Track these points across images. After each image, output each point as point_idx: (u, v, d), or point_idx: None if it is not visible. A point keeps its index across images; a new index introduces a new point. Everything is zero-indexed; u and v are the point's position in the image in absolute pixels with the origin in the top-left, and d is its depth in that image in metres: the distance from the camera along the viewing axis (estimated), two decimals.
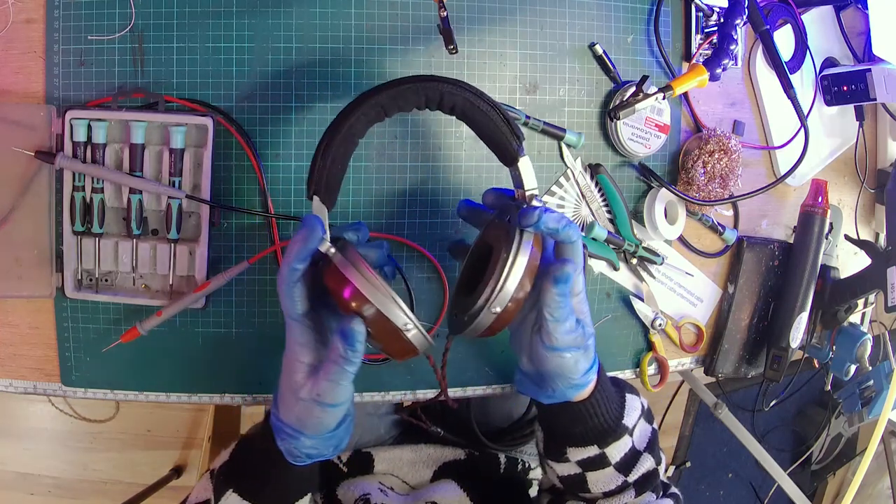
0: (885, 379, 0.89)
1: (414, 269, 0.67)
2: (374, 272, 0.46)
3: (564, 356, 0.52)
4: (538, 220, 0.48)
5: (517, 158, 0.52)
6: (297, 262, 0.47)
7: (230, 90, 0.62)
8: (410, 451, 0.77)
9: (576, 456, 0.57)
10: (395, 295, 0.46)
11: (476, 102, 0.51)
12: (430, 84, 0.50)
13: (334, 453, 0.53)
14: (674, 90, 0.62)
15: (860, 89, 0.79)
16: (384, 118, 0.52)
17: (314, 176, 0.49)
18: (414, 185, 0.66)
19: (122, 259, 0.62)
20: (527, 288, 0.49)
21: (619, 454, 0.56)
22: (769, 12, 0.77)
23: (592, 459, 0.57)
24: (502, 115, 0.52)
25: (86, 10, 0.60)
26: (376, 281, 0.46)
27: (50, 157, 0.58)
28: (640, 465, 0.57)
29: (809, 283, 0.79)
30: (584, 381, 0.54)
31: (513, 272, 0.48)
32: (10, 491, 1.56)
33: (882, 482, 1.48)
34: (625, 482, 0.57)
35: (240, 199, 0.64)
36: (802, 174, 0.83)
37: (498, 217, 0.56)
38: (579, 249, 0.52)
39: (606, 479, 0.57)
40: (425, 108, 0.52)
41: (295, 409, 0.50)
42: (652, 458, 0.58)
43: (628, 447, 0.57)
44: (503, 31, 0.67)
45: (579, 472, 0.57)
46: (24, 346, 0.64)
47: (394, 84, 0.50)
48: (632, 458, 0.57)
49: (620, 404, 0.58)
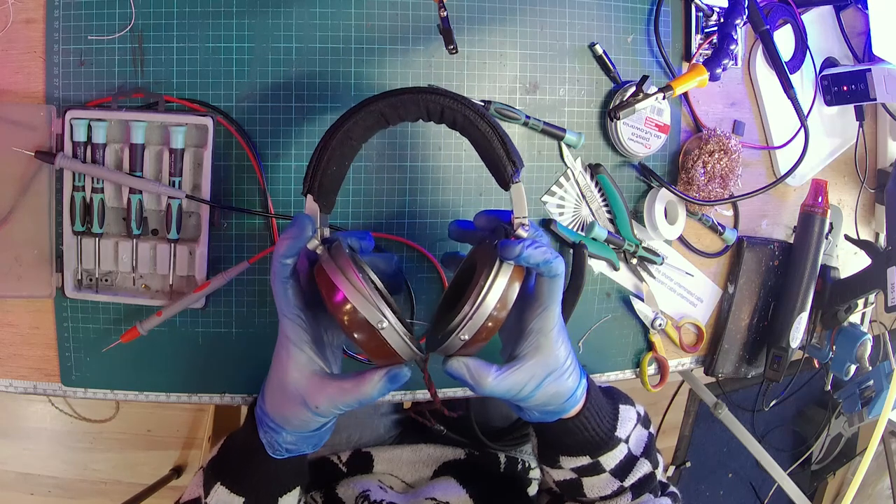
0: (885, 379, 0.89)
1: (414, 270, 0.67)
2: (361, 276, 0.46)
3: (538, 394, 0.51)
4: (519, 255, 0.47)
5: (510, 184, 0.51)
6: (286, 258, 0.48)
7: (230, 90, 0.62)
8: (410, 451, 0.78)
9: (569, 464, 0.57)
10: (380, 298, 0.46)
11: (476, 122, 0.50)
12: (430, 97, 0.50)
13: (313, 450, 0.54)
14: (674, 90, 0.62)
15: (860, 89, 0.79)
16: (386, 125, 0.52)
17: (308, 174, 0.50)
18: (414, 186, 0.66)
19: (122, 259, 0.62)
20: (501, 317, 0.48)
21: (614, 461, 0.56)
22: (769, 12, 0.77)
23: (586, 467, 0.57)
24: (501, 139, 0.50)
25: (86, 10, 0.60)
26: (359, 283, 0.45)
27: (50, 157, 0.58)
28: (636, 469, 0.57)
29: (809, 283, 0.79)
30: (567, 406, 0.53)
31: (486, 302, 0.47)
32: (10, 491, 1.56)
33: (882, 482, 1.48)
34: (621, 487, 0.57)
35: (240, 199, 0.64)
36: (802, 174, 0.83)
37: (490, 238, 0.54)
38: (560, 284, 0.51)
39: (602, 484, 0.57)
40: (429, 120, 0.52)
41: (281, 406, 0.50)
42: (649, 462, 0.58)
43: (624, 454, 0.57)
44: (503, 31, 0.67)
45: (575, 477, 0.57)
46: (24, 346, 0.64)
47: (395, 93, 0.50)
48: (628, 464, 0.57)
49: (613, 416, 0.57)
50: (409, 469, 0.76)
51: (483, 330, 0.48)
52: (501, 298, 0.47)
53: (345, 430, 0.81)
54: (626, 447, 0.57)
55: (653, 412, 0.66)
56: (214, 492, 0.54)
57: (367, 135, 0.52)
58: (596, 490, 0.57)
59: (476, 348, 0.49)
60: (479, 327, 0.47)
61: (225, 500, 0.54)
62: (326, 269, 0.46)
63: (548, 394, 0.51)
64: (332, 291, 0.46)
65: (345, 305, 0.45)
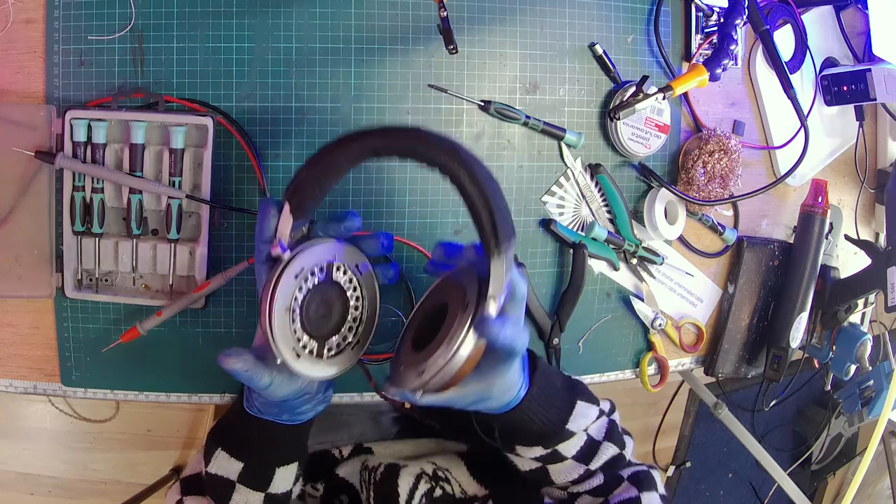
0: (885, 379, 0.89)
1: (414, 270, 0.67)
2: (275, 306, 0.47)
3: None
4: (492, 339, 0.46)
5: (490, 258, 0.47)
6: (261, 242, 0.49)
7: (230, 90, 0.62)
8: (412, 445, 0.78)
9: (526, 453, 0.58)
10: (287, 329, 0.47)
11: (469, 189, 0.45)
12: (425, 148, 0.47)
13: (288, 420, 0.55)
14: (674, 90, 0.62)
15: (860, 89, 0.79)
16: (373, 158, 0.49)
17: (291, 184, 0.49)
18: (414, 185, 0.66)
19: (122, 259, 0.62)
20: (466, 371, 0.48)
21: (574, 448, 0.57)
22: (769, 12, 0.77)
23: (545, 456, 0.57)
24: (489, 212, 0.46)
25: (86, 10, 0.60)
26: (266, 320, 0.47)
27: (50, 157, 0.58)
28: (601, 453, 0.58)
29: (809, 283, 0.79)
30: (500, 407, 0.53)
31: (453, 361, 0.46)
32: (10, 491, 1.56)
33: (882, 482, 1.48)
34: (587, 470, 0.58)
35: (240, 199, 0.64)
36: (802, 174, 0.83)
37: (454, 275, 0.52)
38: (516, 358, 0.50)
39: (567, 469, 0.58)
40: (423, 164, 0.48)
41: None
42: (613, 444, 0.59)
43: (583, 441, 0.58)
44: (503, 31, 0.67)
45: (539, 466, 0.58)
46: (24, 346, 0.64)
47: (389, 132, 0.48)
48: (590, 449, 0.58)
49: (566, 411, 0.57)
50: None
51: (449, 382, 0.48)
52: (470, 358, 0.47)
53: (346, 425, 0.81)
54: (584, 435, 0.58)
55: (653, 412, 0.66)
56: (215, 458, 0.56)
57: (351, 166, 0.50)
58: (562, 476, 0.58)
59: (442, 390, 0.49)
60: (447, 381, 0.47)
61: (225, 466, 0.55)
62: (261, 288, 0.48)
63: (477, 403, 0.52)
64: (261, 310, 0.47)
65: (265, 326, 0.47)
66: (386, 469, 0.66)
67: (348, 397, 0.69)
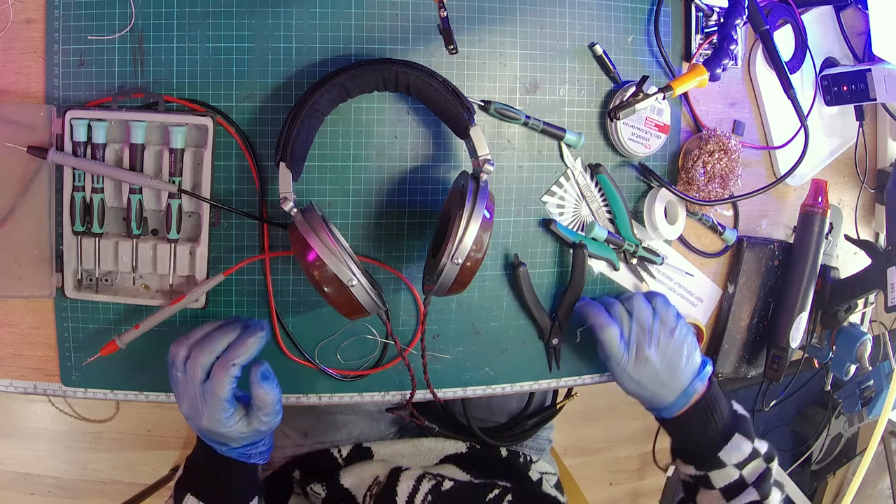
0: (885, 379, 0.89)
1: (413, 270, 0.67)
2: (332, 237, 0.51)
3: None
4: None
5: (468, 129, 0.57)
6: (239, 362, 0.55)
7: (230, 90, 0.62)
8: (411, 445, 0.78)
9: (682, 468, 0.65)
10: (349, 257, 0.51)
11: (428, 80, 0.57)
12: (384, 66, 0.56)
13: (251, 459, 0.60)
14: (674, 90, 0.62)
15: (860, 89, 0.79)
16: (346, 98, 0.59)
17: (280, 143, 0.55)
18: (414, 185, 0.66)
19: (122, 259, 0.62)
20: (484, 241, 0.53)
21: (723, 482, 0.62)
22: (769, 12, 0.77)
23: (698, 477, 0.63)
24: (453, 90, 0.57)
25: (86, 10, 0.60)
26: (330, 243, 0.51)
27: (42, 153, 0.58)
28: (744, 496, 0.61)
29: (809, 283, 0.79)
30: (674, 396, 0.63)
31: (469, 227, 0.53)
32: (10, 491, 1.55)
33: (882, 482, 1.48)
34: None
35: (239, 200, 0.64)
36: (802, 174, 0.83)
37: (454, 187, 0.60)
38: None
39: (709, 500, 0.63)
40: (385, 90, 0.59)
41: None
42: (757, 492, 0.61)
43: (734, 478, 0.62)
44: (503, 31, 0.67)
45: (693, 483, 0.66)
46: (24, 346, 0.64)
47: (354, 66, 0.57)
48: (737, 488, 0.62)
49: (723, 439, 0.63)
50: (409, 462, 0.76)
51: (472, 252, 0.53)
52: (483, 222, 0.53)
53: (345, 426, 0.81)
54: (737, 472, 0.62)
55: None
56: (186, 501, 0.61)
57: (330, 107, 0.58)
58: (705, 502, 0.64)
59: (468, 276, 0.54)
60: (469, 249, 0.53)
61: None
62: (300, 230, 0.51)
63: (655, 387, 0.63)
64: (306, 251, 0.51)
65: (317, 263, 0.51)
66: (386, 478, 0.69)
67: (348, 397, 0.69)
